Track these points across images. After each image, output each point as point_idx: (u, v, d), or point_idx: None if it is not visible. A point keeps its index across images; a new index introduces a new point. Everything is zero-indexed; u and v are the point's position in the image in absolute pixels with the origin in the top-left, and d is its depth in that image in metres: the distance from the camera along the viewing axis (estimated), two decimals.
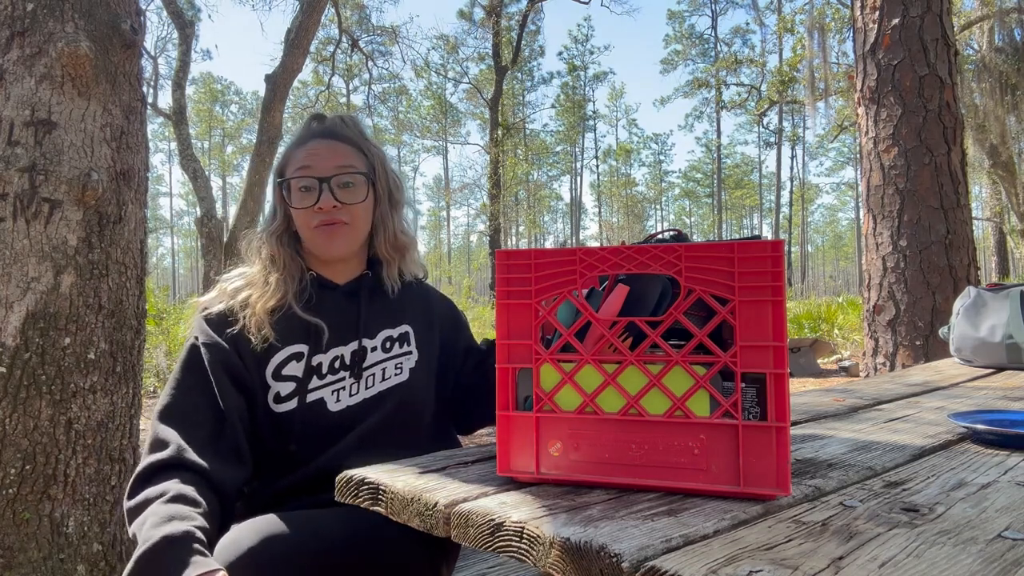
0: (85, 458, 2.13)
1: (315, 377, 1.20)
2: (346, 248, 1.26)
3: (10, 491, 1.99)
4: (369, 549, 1.03)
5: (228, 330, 1.20)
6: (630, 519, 0.68)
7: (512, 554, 0.67)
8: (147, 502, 1.00)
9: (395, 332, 1.28)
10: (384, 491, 0.82)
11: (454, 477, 0.85)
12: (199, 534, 0.93)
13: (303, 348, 1.21)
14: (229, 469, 1.10)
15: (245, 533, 0.95)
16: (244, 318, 1.20)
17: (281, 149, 1.40)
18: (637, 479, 0.78)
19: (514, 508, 0.72)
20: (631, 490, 0.78)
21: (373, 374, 1.23)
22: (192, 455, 1.07)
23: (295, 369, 1.20)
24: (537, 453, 0.81)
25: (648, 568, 0.56)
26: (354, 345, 1.23)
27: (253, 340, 1.18)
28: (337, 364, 1.22)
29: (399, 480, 0.83)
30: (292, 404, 1.19)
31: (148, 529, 0.94)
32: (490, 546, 0.69)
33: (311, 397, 1.19)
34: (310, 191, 1.23)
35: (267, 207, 1.35)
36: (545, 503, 0.73)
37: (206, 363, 1.17)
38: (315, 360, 1.21)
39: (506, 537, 0.68)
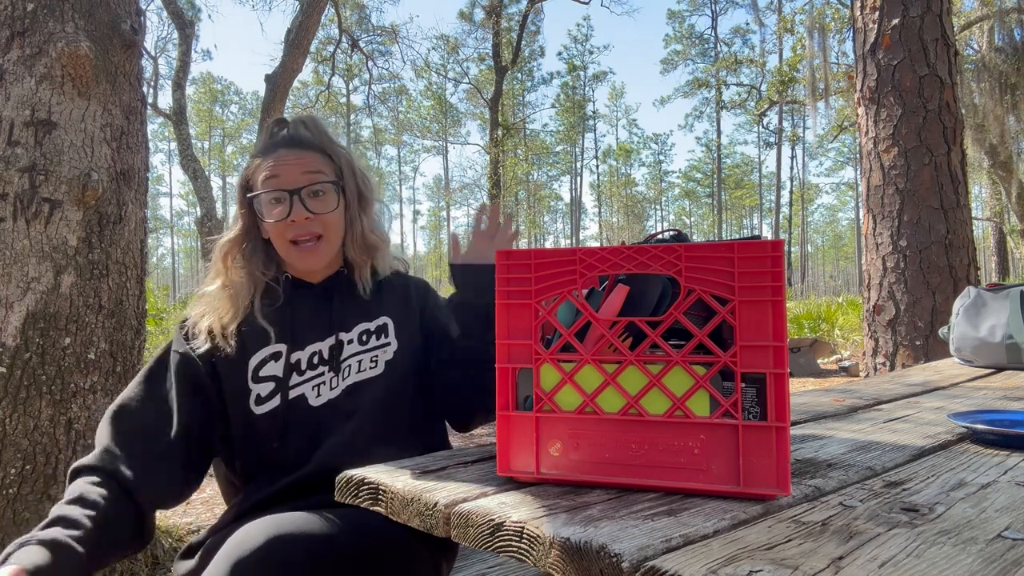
0: None
1: (295, 374, 1.21)
2: (322, 262, 1.26)
3: (10, 491, 1.99)
4: (372, 548, 1.03)
5: (205, 339, 1.21)
6: (630, 519, 0.68)
7: (512, 554, 0.67)
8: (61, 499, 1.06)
9: (372, 325, 1.27)
10: (384, 491, 0.82)
11: (454, 477, 0.85)
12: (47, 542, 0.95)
13: (281, 347, 1.22)
14: (157, 479, 1.12)
15: (255, 532, 0.96)
16: (212, 328, 1.22)
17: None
18: (637, 479, 0.78)
19: (514, 508, 0.71)
20: (631, 490, 0.78)
21: (349, 365, 1.23)
22: (120, 464, 1.10)
23: (274, 368, 1.21)
24: (537, 453, 0.82)
25: (648, 568, 0.56)
26: (331, 340, 1.24)
27: (225, 348, 1.20)
28: (316, 359, 1.22)
29: (399, 480, 0.83)
30: (275, 402, 1.20)
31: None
32: (490, 546, 0.69)
33: (293, 394, 1.20)
34: (280, 203, 1.21)
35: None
36: (545, 503, 0.73)
37: (171, 371, 1.20)
38: (294, 357, 1.22)
39: (506, 537, 0.68)
